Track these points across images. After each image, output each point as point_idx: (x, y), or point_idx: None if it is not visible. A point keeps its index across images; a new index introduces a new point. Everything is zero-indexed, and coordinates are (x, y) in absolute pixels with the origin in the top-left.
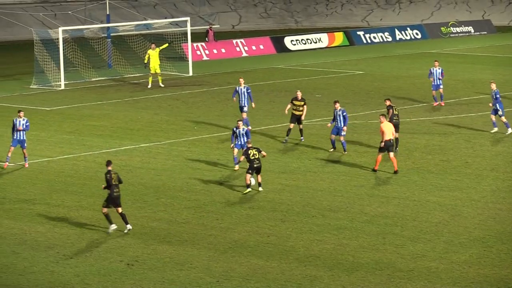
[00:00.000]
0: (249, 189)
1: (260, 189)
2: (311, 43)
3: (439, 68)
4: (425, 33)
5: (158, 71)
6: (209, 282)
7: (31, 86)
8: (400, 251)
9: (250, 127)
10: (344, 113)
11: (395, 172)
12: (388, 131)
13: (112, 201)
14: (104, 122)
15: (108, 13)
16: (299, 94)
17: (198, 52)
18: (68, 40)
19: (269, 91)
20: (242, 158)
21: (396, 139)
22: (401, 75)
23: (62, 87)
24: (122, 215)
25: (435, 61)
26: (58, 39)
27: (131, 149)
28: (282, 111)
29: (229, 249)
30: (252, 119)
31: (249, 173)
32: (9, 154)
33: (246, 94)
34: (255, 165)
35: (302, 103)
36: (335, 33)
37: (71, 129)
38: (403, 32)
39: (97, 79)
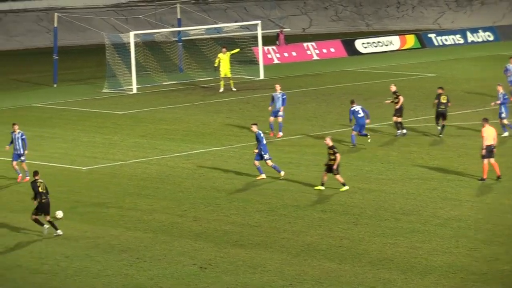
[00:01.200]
0: (322, 187)
1: (346, 188)
2: (382, 46)
3: None
4: (497, 35)
5: (229, 75)
6: (282, 285)
7: (103, 90)
8: (473, 254)
9: (281, 133)
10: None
11: (498, 178)
12: (489, 136)
13: (42, 208)
14: (176, 126)
15: (179, 17)
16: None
17: (269, 56)
18: (140, 44)
19: (340, 94)
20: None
21: (443, 126)
22: (472, 77)
23: (134, 91)
24: (50, 223)
25: (510, 58)
26: (129, 43)
27: (203, 153)
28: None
29: (302, 252)
30: (323, 122)
31: (330, 172)
32: (26, 169)
33: (281, 99)
34: (329, 164)
35: (394, 96)
36: (406, 35)
37: (143, 133)
38: (475, 34)
39: (168, 83)
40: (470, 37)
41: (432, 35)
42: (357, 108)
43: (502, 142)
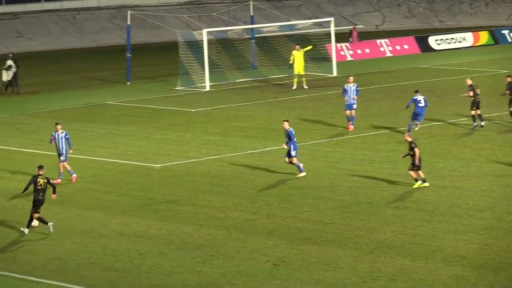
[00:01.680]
0: (419, 183)
1: (426, 184)
2: (455, 42)
3: None
4: None
5: (302, 72)
6: (355, 282)
7: (176, 88)
8: None
9: (352, 127)
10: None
11: None
12: None
13: (38, 205)
14: (249, 123)
15: (252, 14)
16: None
17: (342, 53)
18: (213, 41)
19: (414, 91)
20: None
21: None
22: None
23: (207, 88)
24: (39, 219)
25: None
26: (202, 40)
27: (276, 150)
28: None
29: (375, 249)
30: (396, 119)
31: (412, 170)
32: (61, 170)
33: (355, 91)
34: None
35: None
36: (479, 32)
37: (216, 130)
38: None
39: (241, 80)
40: None
41: (506, 32)
42: (419, 97)
43: None
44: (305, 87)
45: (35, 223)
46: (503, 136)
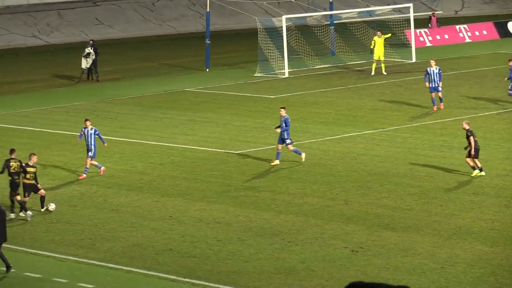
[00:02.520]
0: (475, 171)
1: (483, 173)
2: None
3: None
4: None
5: (382, 58)
6: (433, 268)
7: (255, 75)
8: None
9: (442, 105)
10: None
11: None
12: None
13: (15, 188)
14: (327, 109)
15: (331, 0)
16: None
17: (421, 38)
18: (292, 28)
19: (493, 76)
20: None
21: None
22: None
23: (286, 75)
24: (20, 203)
25: None
26: (281, 27)
27: (355, 136)
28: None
29: (453, 235)
30: (476, 105)
31: (469, 157)
32: (88, 165)
33: (438, 75)
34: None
35: None
36: None
37: (295, 116)
38: None
39: (320, 66)
40: None
41: None
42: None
43: None
44: (384, 73)
45: (51, 207)
46: None
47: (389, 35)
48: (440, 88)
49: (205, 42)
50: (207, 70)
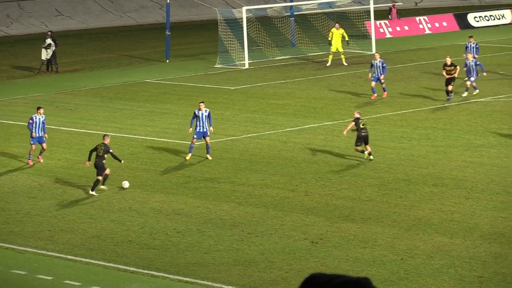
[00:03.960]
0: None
1: (371, 157)
2: (494, 19)
3: None
4: None
5: (341, 50)
6: (393, 259)
7: (215, 66)
8: None
9: (385, 93)
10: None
11: None
12: None
13: None
14: (287, 101)
15: None
16: (449, 60)
17: (381, 30)
18: (252, 19)
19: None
20: (352, 125)
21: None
22: None
23: (246, 66)
24: None
25: None
26: (241, 18)
27: (315, 128)
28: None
29: (413, 226)
30: (435, 96)
31: (358, 145)
32: (31, 153)
33: (382, 68)
34: (362, 134)
35: (453, 67)
36: None
37: (255, 108)
38: None
39: (280, 58)
40: None
41: None
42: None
43: None
44: (345, 64)
45: (125, 184)
46: None
47: (347, 39)
48: (382, 81)
49: (165, 33)
50: (167, 61)
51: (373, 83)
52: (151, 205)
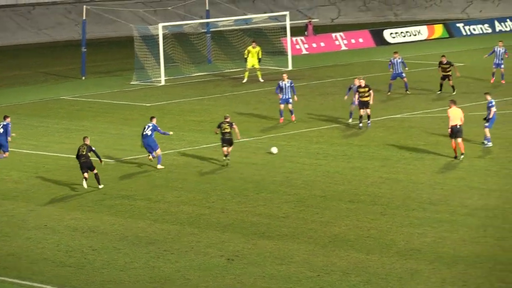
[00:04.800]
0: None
1: (228, 158)
2: (410, 35)
3: (502, 48)
4: None
5: (257, 66)
6: (309, 276)
7: (131, 82)
8: (501, 243)
9: (294, 116)
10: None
11: (461, 154)
12: (455, 116)
13: None
14: (204, 117)
15: (207, 8)
16: (363, 82)
17: (298, 46)
18: (168, 36)
19: (369, 84)
20: (217, 130)
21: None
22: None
23: (162, 82)
24: None
25: (500, 41)
26: (158, 35)
27: None
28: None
29: (329, 243)
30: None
31: (224, 146)
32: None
33: (290, 88)
34: (226, 137)
35: (367, 89)
36: (434, 25)
37: (171, 124)
38: (503, 23)
39: (197, 74)
40: (498, 27)
41: (460, 25)
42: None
43: None
44: (261, 80)
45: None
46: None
47: (260, 56)
48: (291, 100)
49: (81, 50)
50: (83, 78)
51: (282, 106)
52: (66, 222)
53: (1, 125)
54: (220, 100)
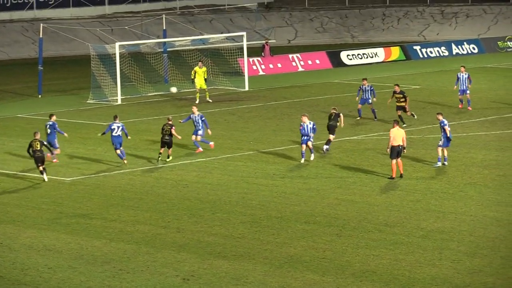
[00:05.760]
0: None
1: (170, 158)
2: (367, 57)
3: (465, 73)
4: (482, 48)
5: (204, 87)
6: None
7: (88, 101)
8: (456, 266)
9: (201, 149)
10: (314, 126)
11: (401, 175)
12: (397, 136)
13: None
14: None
15: (164, 28)
16: (397, 88)
17: (254, 67)
18: (125, 55)
19: (326, 105)
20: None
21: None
22: (458, 89)
23: (119, 102)
24: None
25: (462, 66)
26: (114, 54)
27: (187, 164)
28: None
29: (285, 264)
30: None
31: (162, 147)
32: None
33: (200, 122)
34: (164, 140)
35: (401, 95)
36: (391, 47)
37: (127, 143)
38: (459, 46)
39: (153, 93)
40: (455, 49)
41: (417, 47)
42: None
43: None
44: (209, 100)
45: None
46: (414, 151)
47: (205, 77)
48: (200, 132)
49: (38, 68)
50: (40, 96)
51: (194, 137)
52: (22, 240)
53: (48, 125)
54: (176, 120)
